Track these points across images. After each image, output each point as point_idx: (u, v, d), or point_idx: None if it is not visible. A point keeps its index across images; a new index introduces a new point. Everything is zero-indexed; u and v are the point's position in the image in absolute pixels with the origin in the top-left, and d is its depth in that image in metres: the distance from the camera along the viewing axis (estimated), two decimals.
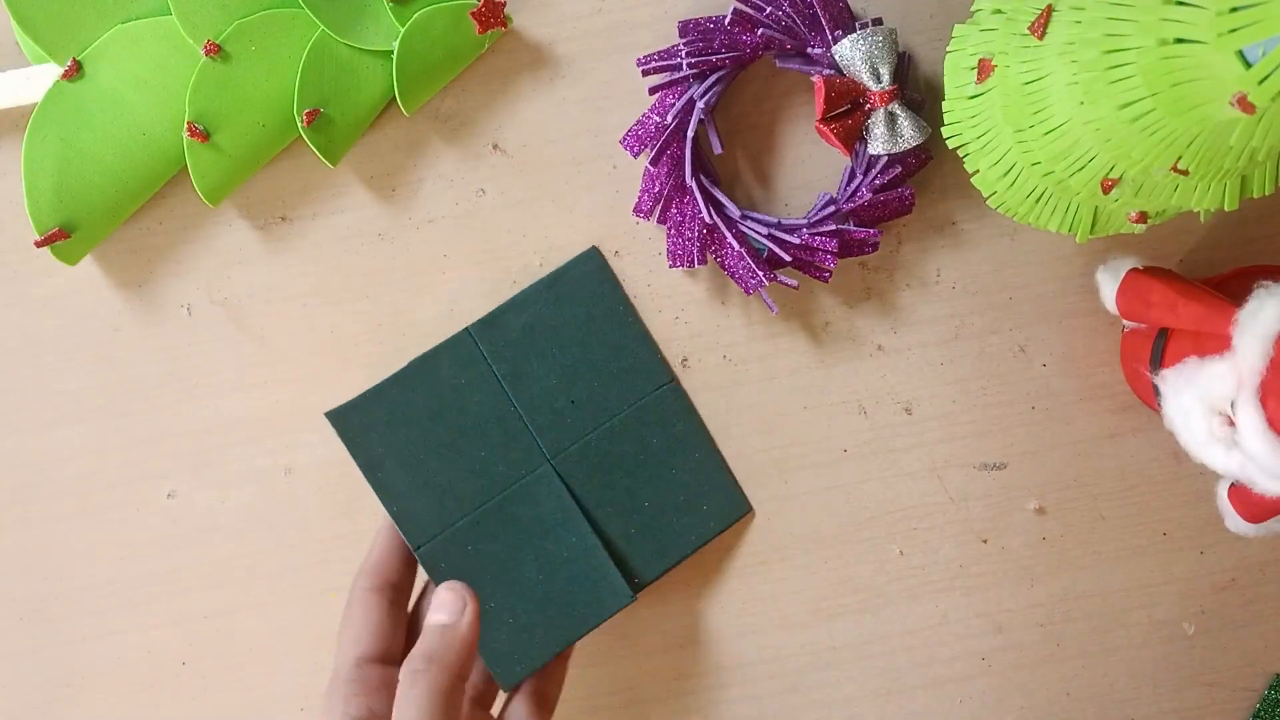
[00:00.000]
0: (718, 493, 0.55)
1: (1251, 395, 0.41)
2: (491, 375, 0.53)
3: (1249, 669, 0.56)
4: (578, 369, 0.54)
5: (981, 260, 0.55)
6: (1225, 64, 0.34)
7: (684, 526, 0.55)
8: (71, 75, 0.52)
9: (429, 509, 0.53)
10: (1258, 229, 0.55)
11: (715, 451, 0.55)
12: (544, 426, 0.54)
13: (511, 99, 0.55)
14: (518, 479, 0.54)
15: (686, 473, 0.55)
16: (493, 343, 0.53)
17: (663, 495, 0.55)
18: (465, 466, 0.53)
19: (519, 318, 0.54)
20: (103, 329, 0.56)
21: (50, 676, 0.57)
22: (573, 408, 0.54)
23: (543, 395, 0.54)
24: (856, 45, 0.50)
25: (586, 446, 0.54)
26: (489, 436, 0.53)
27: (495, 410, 0.54)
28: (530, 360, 0.54)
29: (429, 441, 0.53)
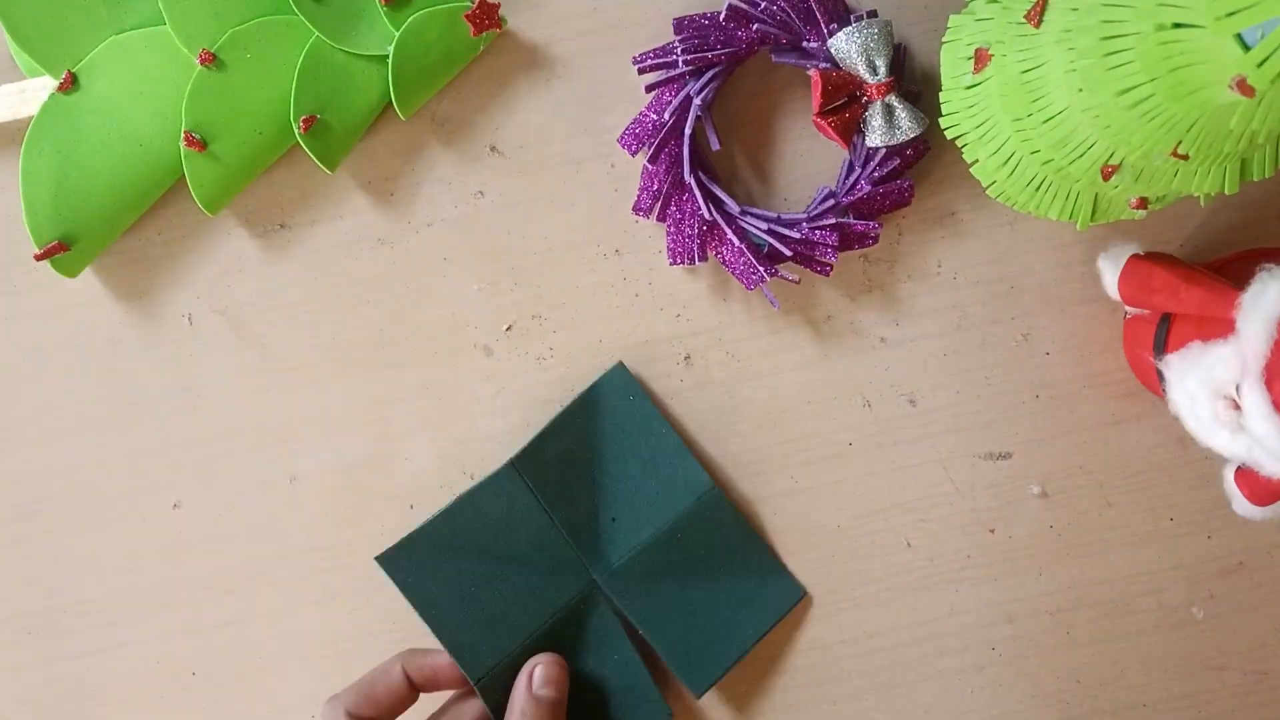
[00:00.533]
0: (770, 584, 0.55)
1: (1256, 378, 0.41)
2: (535, 504, 0.53)
3: (1259, 652, 0.56)
4: (616, 486, 0.54)
5: (982, 250, 0.55)
6: (1224, 47, 0.34)
7: (740, 622, 0.55)
8: (67, 88, 0.52)
9: (484, 641, 0.53)
10: (1258, 212, 0.55)
11: (763, 545, 0.55)
12: (588, 546, 0.54)
13: (508, 100, 0.55)
14: (565, 602, 0.54)
15: (736, 570, 0.55)
16: (534, 472, 0.53)
17: (715, 596, 0.54)
18: (515, 595, 0.53)
19: (557, 443, 0.54)
20: (104, 341, 0.56)
21: (60, 690, 0.57)
22: (614, 525, 0.54)
23: (585, 516, 0.54)
24: (852, 38, 0.50)
25: (632, 561, 0.54)
26: (536, 563, 0.53)
27: (540, 536, 0.54)
28: (570, 483, 0.54)
29: (478, 574, 0.53)
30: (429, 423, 0.56)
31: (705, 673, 0.54)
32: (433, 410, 0.56)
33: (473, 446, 0.56)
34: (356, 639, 0.56)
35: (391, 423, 0.56)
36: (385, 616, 0.56)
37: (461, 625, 0.53)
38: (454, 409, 0.56)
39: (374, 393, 0.56)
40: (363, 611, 0.56)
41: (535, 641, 0.53)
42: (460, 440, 0.56)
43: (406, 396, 0.56)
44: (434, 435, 0.56)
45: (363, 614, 0.56)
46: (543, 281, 0.55)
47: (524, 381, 0.56)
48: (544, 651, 0.53)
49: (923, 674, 0.56)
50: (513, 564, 0.53)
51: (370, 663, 0.56)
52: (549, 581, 0.53)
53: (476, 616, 0.53)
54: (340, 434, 0.56)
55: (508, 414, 0.56)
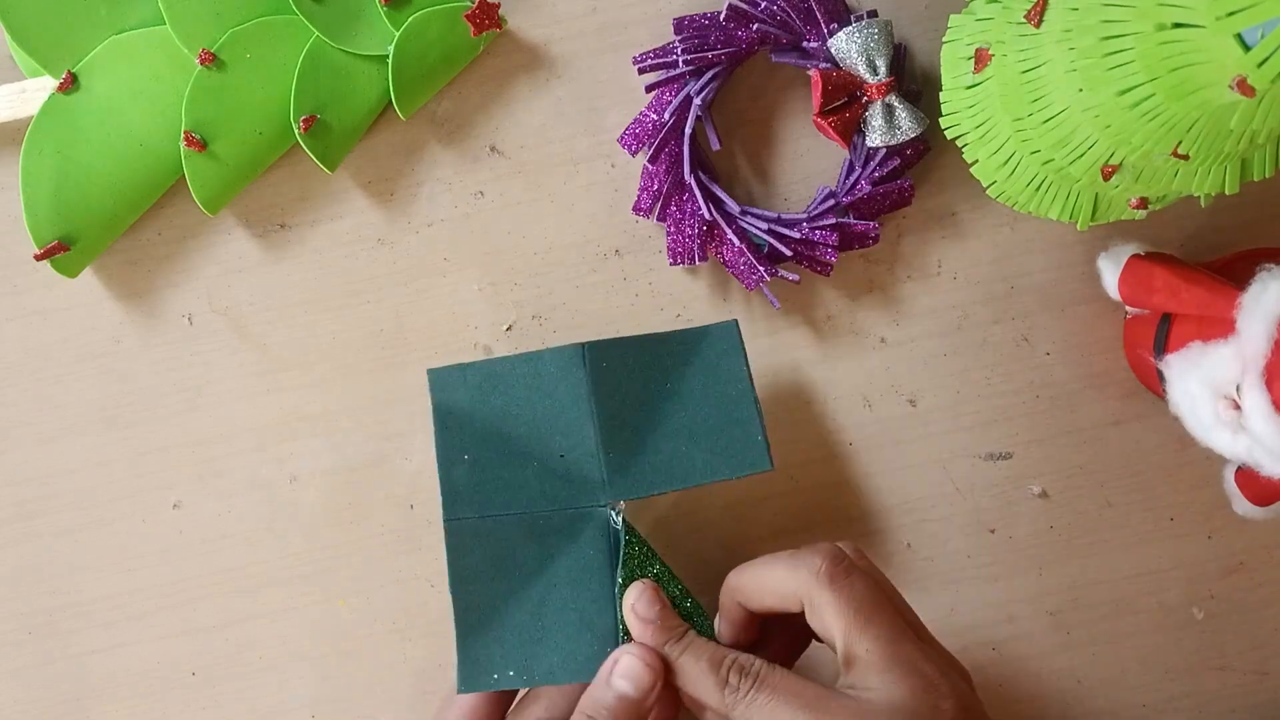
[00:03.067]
0: (704, 345, 0.52)
1: (1257, 378, 0.41)
2: (496, 523, 0.49)
3: (1259, 652, 0.56)
4: (534, 437, 0.50)
5: (982, 250, 0.55)
6: (1224, 47, 0.34)
7: (725, 391, 0.51)
8: (67, 88, 0.52)
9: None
10: (1259, 212, 0.55)
11: (661, 334, 0.52)
12: (616, 468, 0.50)
13: (508, 100, 0.55)
14: (569, 506, 0.50)
15: (673, 369, 0.52)
16: (468, 506, 0.49)
17: (686, 400, 0.51)
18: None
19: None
20: (104, 341, 0.56)
21: (60, 690, 0.57)
22: (566, 460, 0.50)
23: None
24: (852, 38, 0.50)
25: (612, 460, 0.50)
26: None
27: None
28: (502, 477, 0.50)
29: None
30: (429, 423, 0.55)
31: (754, 448, 0.50)
32: None
33: None
34: (356, 639, 0.56)
35: (391, 423, 0.56)
36: (385, 616, 0.56)
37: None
38: None
39: (374, 393, 0.56)
40: (363, 611, 0.56)
41: (521, 521, 0.49)
42: None
43: (407, 396, 0.56)
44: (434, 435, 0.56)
45: (363, 614, 0.56)
46: (543, 281, 0.55)
47: None
48: (522, 535, 0.49)
49: None
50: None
51: (370, 662, 0.56)
52: (563, 476, 0.50)
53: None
54: (340, 434, 0.56)
55: None
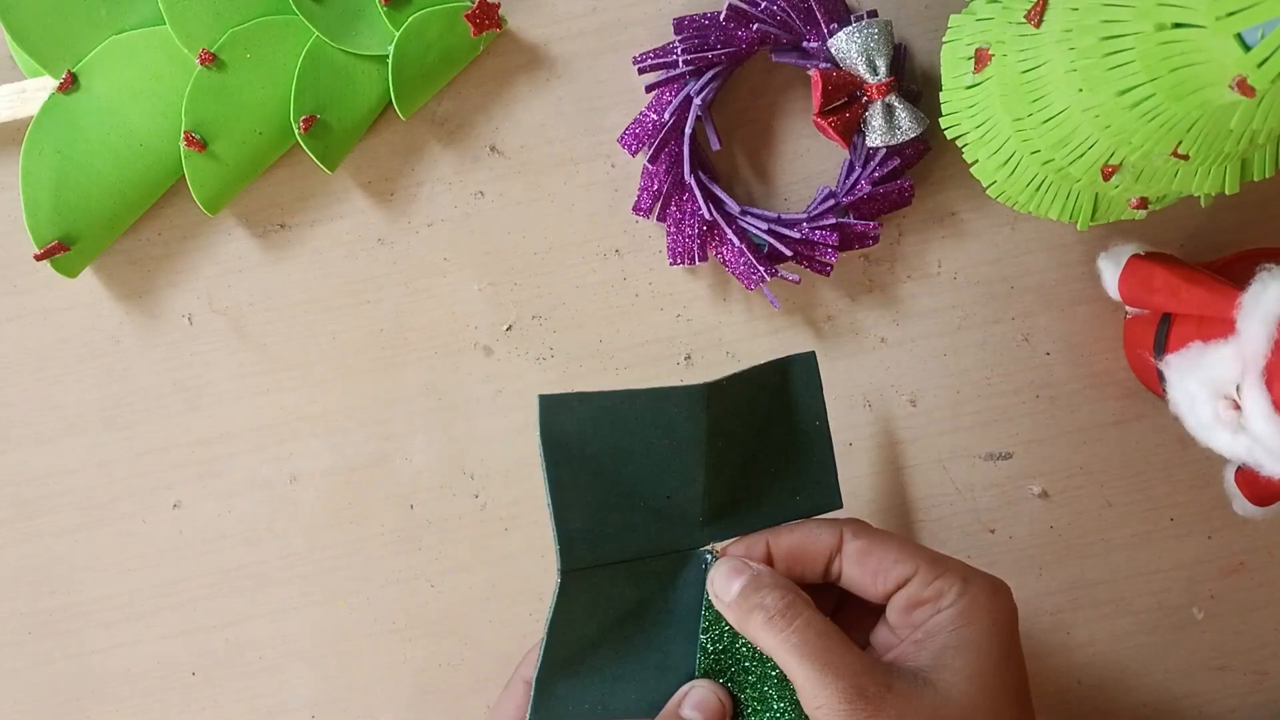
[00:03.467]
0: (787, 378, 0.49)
1: (1257, 378, 0.41)
2: (604, 569, 0.46)
3: (1259, 652, 0.56)
4: (644, 477, 0.46)
5: (982, 250, 0.55)
6: (1224, 47, 0.34)
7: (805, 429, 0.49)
8: (67, 88, 0.52)
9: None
10: (1259, 212, 0.55)
11: (751, 369, 0.48)
12: (674, 537, 0.47)
13: (508, 100, 0.55)
14: (670, 548, 0.47)
15: (765, 406, 0.49)
16: (582, 556, 0.45)
17: (775, 438, 0.49)
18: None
19: (575, 515, 0.46)
20: (104, 341, 0.56)
21: (60, 690, 0.57)
22: (671, 501, 0.47)
23: (727, 479, 0.47)
24: (852, 38, 0.50)
25: (713, 503, 0.47)
26: (666, 493, 0.47)
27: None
28: (611, 522, 0.46)
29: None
30: (429, 423, 0.56)
31: (828, 487, 0.49)
32: (433, 410, 0.56)
33: (473, 446, 0.56)
34: (356, 639, 0.56)
35: (391, 423, 0.56)
36: (385, 616, 0.56)
37: (644, 693, 0.47)
38: (454, 409, 0.56)
39: (374, 393, 0.56)
40: (363, 611, 0.56)
41: (629, 566, 0.46)
42: (460, 440, 0.56)
43: (406, 396, 0.56)
44: (434, 435, 0.56)
45: (363, 614, 0.56)
46: (543, 281, 0.55)
47: (524, 381, 0.56)
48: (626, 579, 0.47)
49: None
50: (636, 613, 0.47)
51: (370, 662, 0.56)
52: (674, 590, 0.47)
53: (647, 675, 0.47)
54: (340, 434, 0.56)
55: (508, 414, 0.56)
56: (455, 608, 0.56)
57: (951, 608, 0.42)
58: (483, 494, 0.56)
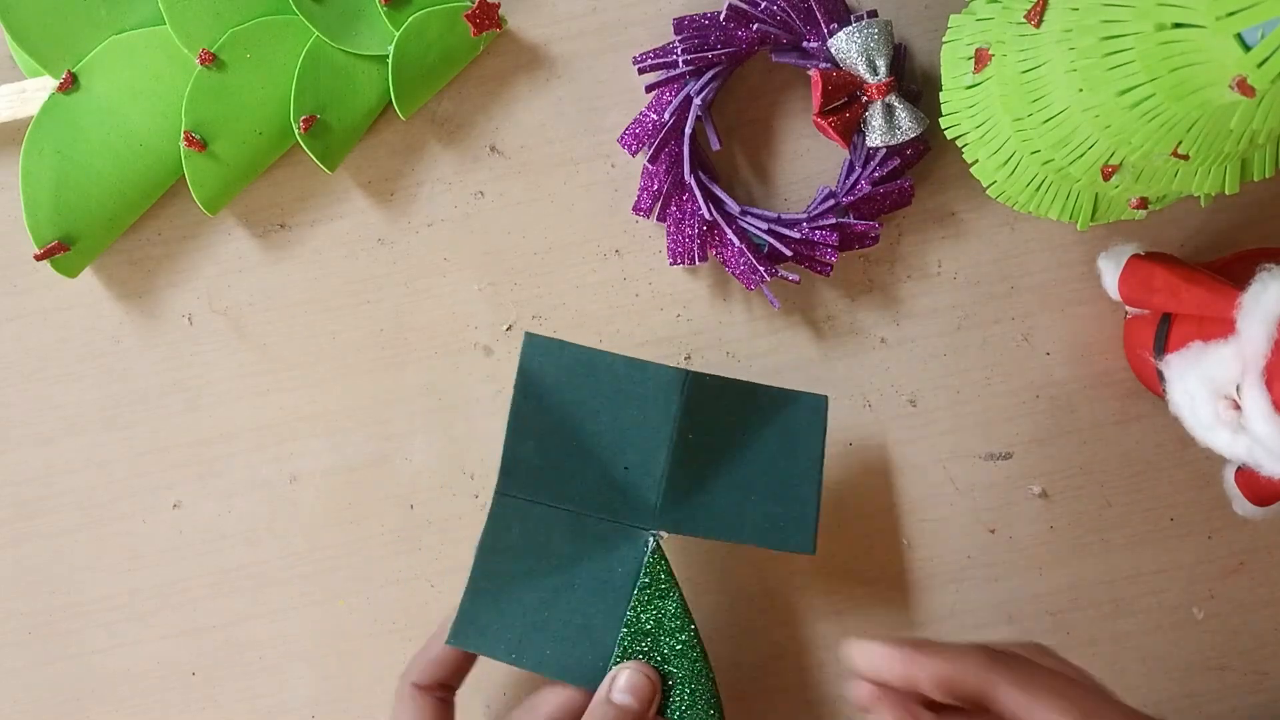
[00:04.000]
0: (793, 411, 0.51)
1: (1257, 378, 0.41)
2: (546, 509, 0.49)
3: (1259, 652, 0.56)
4: (606, 440, 0.50)
5: (982, 250, 0.55)
6: (1224, 48, 0.34)
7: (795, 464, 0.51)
8: (67, 88, 0.52)
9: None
10: (1258, 211, 0.55)
11: (762, 387, 0.51)
12: (623, 508, 0.49)
13: (508, 100, 0.55)
14: (616, 518, 0.49)
15: (756, 425, 0.51)
16: (523, 484, 0.49)
17: (757, 460, 0.50)
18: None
19: (526, 446, 0.49)
20: (104, 341, 0.56)
21: (60, 690, 0.57)
22: (628, 473, 0.50)
23: (691, 476, 0.50)
24: (852, 38, 0.50)
25: (668, 490, 0.49)
26: (589, 553, 0.50)
27: (574, 530, 0.49)
28: (562, 468, 0.49)
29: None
30: (429, 423, 0.56)
31: (803, 529, 0.50)
32: (433, 410, 0.56)
33: (473, 447, 0.56)
34: (356, 639, 0.56)
35: (391, 423, 0.56)
36: (385, 616, 0.56)
37: (560, 651, 0.49)
38: (454, 409, 0.56)
39: (374, 393, 0.56)
40: (363, 611, 0.56)
41: (567, 517, 0.49)
42: (460, 440, 0.56)
43: (406, 396, 0.56)
44: (434, 435, 0.56)
45: (363, 614, 0.56)
46: (543, 281, 0.55)
47: None
48: (562, 531, 0.49)
49: None
50: (567, 570, 0.49)
51: (370, 662, 0.56)
52: (610, 561, 0.49)
53: (567, 634, 0.49)
54: (340, 434, 0.56)
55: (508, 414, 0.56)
56: (455, 608, 0.56)
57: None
58: (483, 494, 0.56)
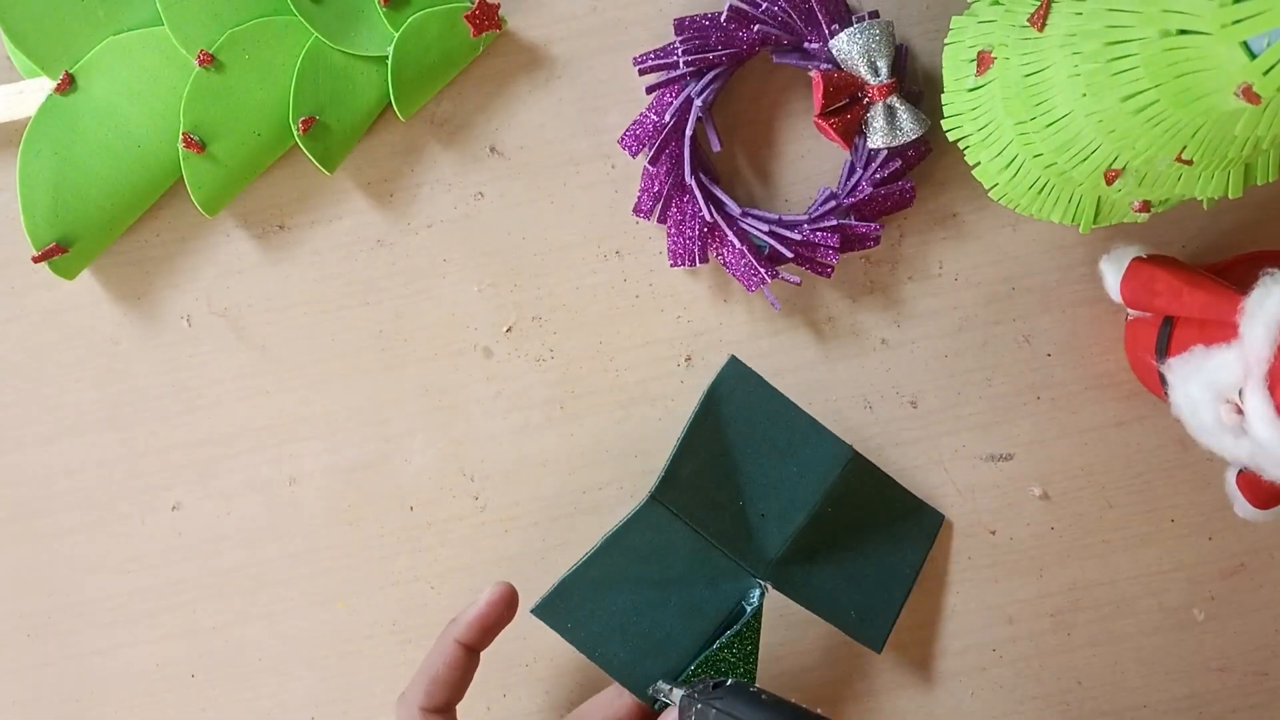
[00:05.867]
0: (912, 519, 0.55)
1: (1260, 383, 0.41)
2: (684, 527, 0.51)
3: (1260, 653, 0.56)
4: (758, 481, 0.52)
5: (984, 251, 0.55)
6: (1229, 55, 0.33)
7: (897, 566, 0.54)
8: (64, 89, 0.51)
9: (689, 491, 0.51)
10: (1261, 213, 0.54)
11: (901, 487, 0.55)
12: (744, 549, 0.52)
13: (508, 101, 0.55)
14: (737, 558, 0.52)
15: (883, 522, 0.54)
16: (676, 497, 0.51)
17: (870, 554, 0.54)
18: (680, 614, 0.51)
19: (692, 461, 0.51)
20: (103, 342, 0.56)
21: (59, 691, 0.57)
22: (764, 520, 0.52)
23: (734, 520, 0.52)
24: (853, 39, 0.50)
25: (790, 550, 0.52)
26: (695, 579, 0.51)
27: (696, 554, 0.51)
28: (713, 494, 0.51)
29: (639, 604, 0.51)
30: (429, 424, 0.56)
31: (879, 628, 0.54)
32: (432, 411, 0.56)
33: (473, 448, 0.56)
34: (356, 640, 0.56)
35: (391, 424, 0.56)
36: (385, 617, 0.56)
37: (631, 657, 0.51)
38: (454, 410, 0.56)
39: (373, 394, 0.56)
40: (362, 613, 0.56)
41: (694, 539, 0.51)
42: (460, 441, 0.56)
43: (406, 397, 0.56)
44: (433, 436, 0.56)
45: (362, 615, 0.56)
46: (543, 283, 0.55)
47: (524, 383, 0.56)
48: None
49: (924, 675, 0.56)
50: (671, 586, 0.51)
51: (369, 663, 0.56)
52: (711, 592, 0.51)
53: (643, 644, 0.51)
54: (340, 435, 0.56)
55: (507, 415, 0.56)
56: (455, 609, 0.56)
57: None
58: (482, 495, 0.56)
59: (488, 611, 0.50)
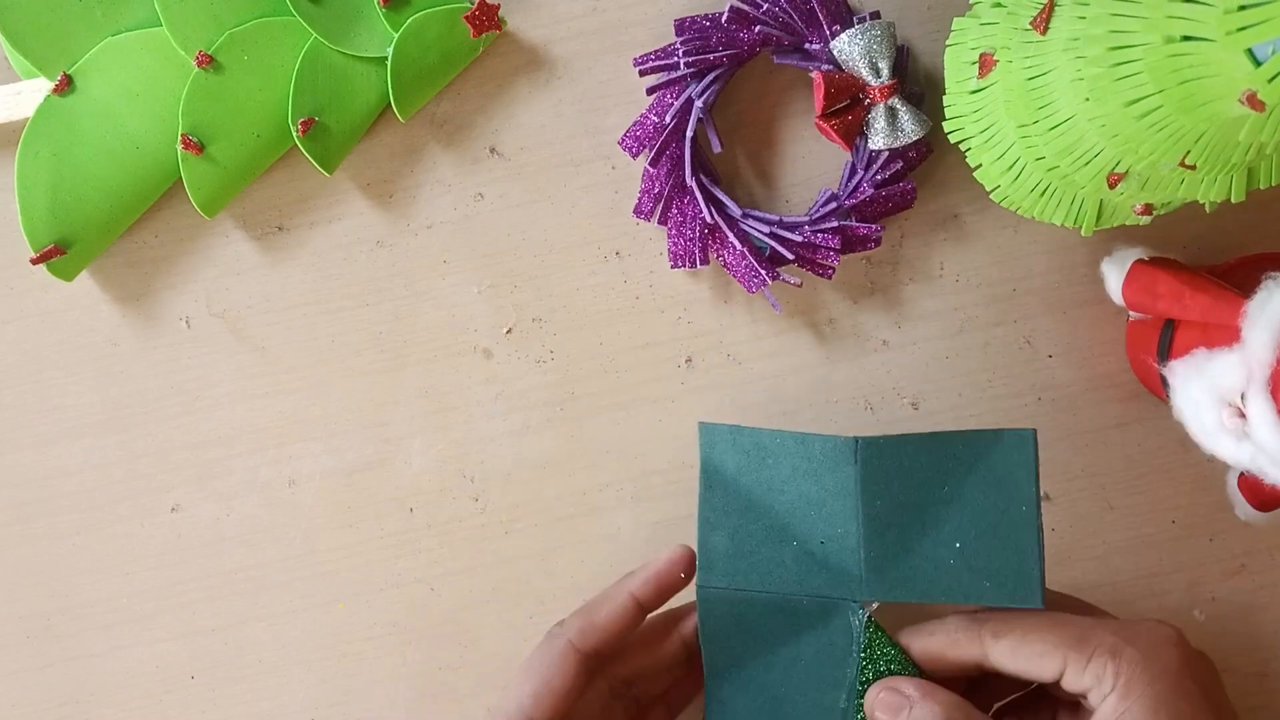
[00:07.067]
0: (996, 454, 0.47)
1: (1262, 387, 0.41)
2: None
3: (1260, 655, 0.56)
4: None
5: (985, 253, 0.55)
6: (1234, 62, 0.33)
7: (1008, 509, 0.46)
8: (62, 89, 0.51)
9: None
10: (1262, 214, 0.54)
11: (955, 433, 0.47)
12: (875, 567, 0.46)
13: (508, 102, 0.54)
14: (820, 595, 0.47)
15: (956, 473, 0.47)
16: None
17: (963, 511, 0.47)
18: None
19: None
20: (102, 344, 0.56)
21: (58, 693, 0.57)
22: (825, 547, 0.47)
23: (892, 540, 0.46)
24: (855, 40, 0.50)
25: (872, 557, 0.46)
26: (820, 538, 0.47)
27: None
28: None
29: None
30: (428, 426, 0.56)
31: (1026, 581, 0.45)
32: (432, 413, 0.56)
33: (473, 449, 0.56)
34: (356, 642, 0.56)
35: (391, 426, 0.56)
36: (385, 619, 0.56)
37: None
38: (454, 412, 0.56)
39: (373, 396, 0.56)
40: (362, 614, 0.56)
41: (770, 600, 0.47)
42: (460, 443, 0.56)
43: (406, 399, 0.56)
44: (433, 438, 0.56)
45: (362, 617, 0.56)
46: (543, 284, 0.55)
47: (524, 384, 0.55)
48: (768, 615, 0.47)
49: None
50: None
51: (369, 665, 0.56)
52: (818, 563, 0.47)
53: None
54: (339, 437, 0.56)
55: (508, 416, 0.56)
56: (455, 611, 0.56)
57: (1113, 694, 0.40)
58: (482, 497, 0.56)
59: (668, 569, 0.47)
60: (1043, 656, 0.42)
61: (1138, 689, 0.40)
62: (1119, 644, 0.41)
